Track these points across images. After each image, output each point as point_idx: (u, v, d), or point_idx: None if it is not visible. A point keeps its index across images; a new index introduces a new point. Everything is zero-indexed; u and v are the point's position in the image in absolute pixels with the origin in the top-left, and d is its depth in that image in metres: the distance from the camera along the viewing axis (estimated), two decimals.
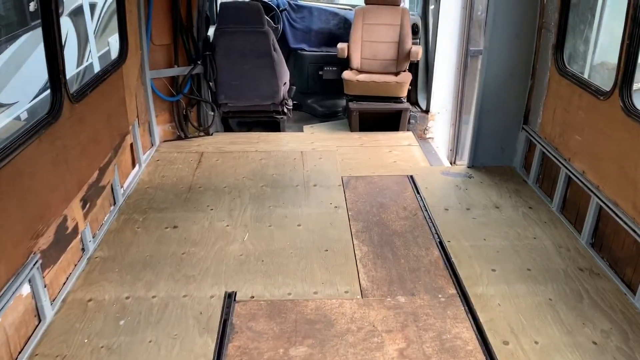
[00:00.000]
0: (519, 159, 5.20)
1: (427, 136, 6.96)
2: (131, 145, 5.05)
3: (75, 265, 3.69)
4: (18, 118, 5.65)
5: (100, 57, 7.50)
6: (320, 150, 5.76)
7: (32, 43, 5.92)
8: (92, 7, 7.39)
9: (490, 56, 4.89)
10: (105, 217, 4.30)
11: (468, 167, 5.33)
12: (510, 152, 5.28)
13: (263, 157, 5.55)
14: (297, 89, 6.89)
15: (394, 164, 5.43)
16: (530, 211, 4.50)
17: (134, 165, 5.18)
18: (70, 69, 6.98)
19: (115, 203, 4.51)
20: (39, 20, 3.34)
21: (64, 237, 3.46)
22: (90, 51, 7.39)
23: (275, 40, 5.86)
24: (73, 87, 3.79)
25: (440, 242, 4.05)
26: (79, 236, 3.71)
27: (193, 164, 5.36)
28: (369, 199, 4.70)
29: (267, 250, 3.95)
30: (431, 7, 7.03)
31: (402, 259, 3.85)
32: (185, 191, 4.81)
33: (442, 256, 3.88)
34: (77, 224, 3.65)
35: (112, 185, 4.42)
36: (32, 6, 5.06)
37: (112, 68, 4.41)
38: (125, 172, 4.90)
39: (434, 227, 4.25)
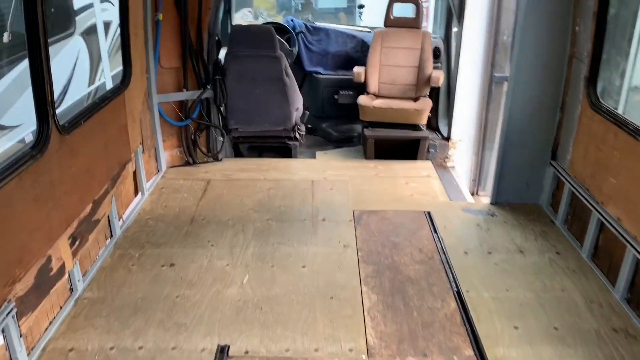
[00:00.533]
0: (546, 196, 4.82)
1: (448, 165, 6.60)
2: (135, 172, 4.84)
3: (61, 308, 3.44)
4: (22, 141, 5.48)
5: (114, 77, 7.35)
6: (332, 179, 5.45)
7: None
8: (107, 25, 7.27)
9: (517, 86, 4.54)
10: (100, 252, 4.06)
11: (491, 204, 4.96)
12: (536, 188, 4.90)
13: (271, 186, 5.27)
14: (312, 113, 6.63)
15: (410, 198, 5.09)
16: (558, 257, 4.11)
17: (137, 193, 4.95)
18: (81, 90, 6.86)
19: (112, 236, 4.27)
20: (50, 39, 3.17)
21: (46, 280, 3.20)
22: (102, 70, 7.26)
23: (287, 65, 5.60)
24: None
25: (458, 292, 3.69)
26: (66, 276, 3.45)
27: (198, 193, 5.10)
28: (382, 237, 4.36)
29: (267, 295, 3.64)
30: (454, 29, 6.72)
31: (415, 311, 3.50)
32: (187, 223, 4.54)
33: (459, 309, 3.52)
34: (63, 264, 3.39)
35: (108, 217, 4.18)
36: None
37: (112, 95, 4.19)
38: (126, 202, 4.66)
39: (452, 273, 3.90)
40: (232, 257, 4.08)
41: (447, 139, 6.57)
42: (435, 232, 4.46)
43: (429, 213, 4.76)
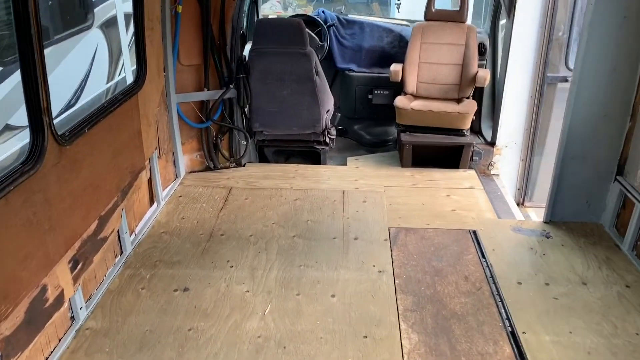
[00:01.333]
0: (609, 216, 4.23)
1: (492, 172, 6.02)
2: (150, 180, 4.43)
3: (60, 340, 3.04)
4: None
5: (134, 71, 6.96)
6: (364, 190, 4.95)
7: (52, 60, 5.40)
8: (128, 17, 6.87)
9: (580, 92, 3.96)
10: (108, 272, 3.66)
11: (545, 222, 4.40)
12: (597, 206, 4.32)
13: (298, 196, 4.80)
14: (343, 114, 6.12)
15: (452, 214, 4.55)
16: (628, 291, 3.54)
17: (152, 203, 4.54)
18: (100, 85, 6.50)
19: (121, 253, 3.87)
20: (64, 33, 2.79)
21: (40, 313, 2.80)
22: (123, 65, 6.89)
23: (318, 63, 5.10)
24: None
25: (513, 333, 3.17)
26: (66, 305, 3.05)
27: (219, 203, 4.67)
28: (422, 261, 3.86)
29: (291, 331, 3.18)
30: (501, 22, 6.11)
31: (464, 356, 3.00)
32: (205, 239, 4.11)
33: (515, 356, 3.00)
34: (62, 291, 2.99)
35: (118, 232, 3.77)
36: None
37: (123, 97, 3.76)
38: (139, 213, 4.25)
39: (505, 308, 3.37)
40: (253, 281, 3.63)
41: (492, 144, 5.97)
42: (483, 255, 3.93)
43: (474, 232, 4.23)
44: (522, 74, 5.54)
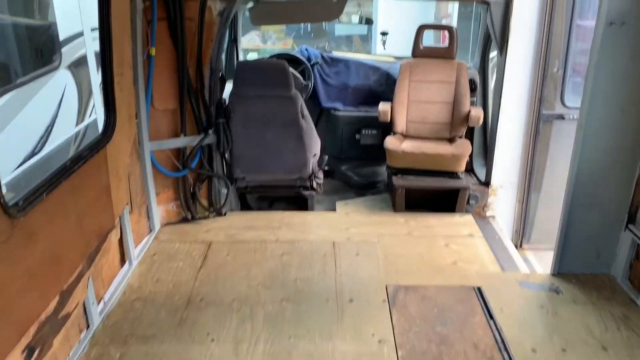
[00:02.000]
0: (621, 267, 3.93)
1: (487, 214, 5.72)
2: (120, 238, 4.01)
3: None
4: None
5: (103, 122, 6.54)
6: (357, 240, 4.59)
7: (16, 105, 4.99)
8: (99, 55, 6.48)
9: (587, 137, 3.69)
10: (71, 353, 3.20)
11: (553, 275, 4.08)
12: (608, 257, 4.02)
13: (285, 250, 4.41)
14: (330, 154, 5.79)
15: (453, 267, 4.21)
16: None
17: (123, 263, 4.11)
18: (69, 129, 6.07)
19: (88, 327, 3.42)
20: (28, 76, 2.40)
21: None
22: (94, 106, 6.48)
23: (304, 106, 4.78)
24: (70, 153, 2.80)
25: None
26: None
27: (197, 261, 4.25)
28: (425, 326, 3.48)
29: None
30: (491, 55, 5.90)
31: None
32: (182, 306, 3.68)
33: None
34: None
35: (84, 304, 3.33)
36: None
37: (89, 152, 3.35)
38: (109, 278, 3.82)
39: None
40: (238, 358, 3.21)
41: (486, 184, 5.69)
42: (491, 317, 3.57)
43: (479, 289, 3.89)
44: (516, 111, 5.28)
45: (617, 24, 3.41)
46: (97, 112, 6.57)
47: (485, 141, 6.10)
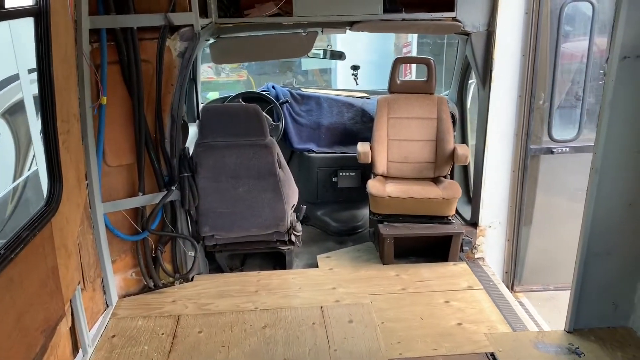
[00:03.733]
0: None
1: (476, 256, 5.33)
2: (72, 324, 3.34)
3: None
4: None
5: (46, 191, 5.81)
6: (347, 303, 4.07)
7: None
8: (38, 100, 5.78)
9: (602, 181, 3.34)
10: None
11: (568, 332, 3.68)
12: (625, 308, 3.66)
13: (267, 321, 3.83)
14: (304, 199, 5.28)
15: (460, 330, 3.74)
16: None
17: (76, 353, 3.43)
18: (4, 185, 5.31)
19: None
20: None
21: None
22: (34, 156, 5.74)
23: (280, 154, 4.27)
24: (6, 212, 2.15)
25: None
26: None
27: (165, 343, 3.62)
28: None
29: None
30: (470, 91, 5.60)
31: None
32: None
33: None
34: None
35: None
36: None
37: (30, 232, 2.71)
38: None
39: None
40: None
41: (473, 224, 5.31)
42: None
43: (492, 355, 3.44)
44: (503, 147, 4.96)
45: (632, 58, 3.10)
46: (37, 164, 5.82)
47: (466, 178, 5.76)
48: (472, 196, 5.30)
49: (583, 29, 4.77)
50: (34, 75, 3.24)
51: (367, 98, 5.70)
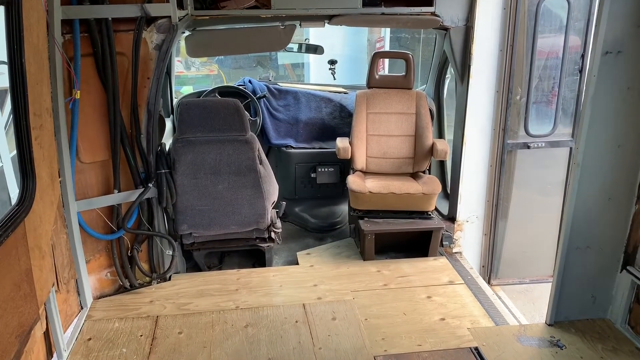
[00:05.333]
0: (619, 311, 3.65)
1: (454, 251, 5.37)
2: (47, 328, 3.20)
3: None
4: None
5: (14, 159, 5.56)
6: (329, 300, 4.03)
7: None
8: (4, 93, 5.53)
9: (584, 174, 3.39)
10: None
11: (549, 325, 3.72)
12: (603, 301, 3.73)
13: (249, 320, 3.76)
14: (282, 195, 5.22)
15: (443, 325, 3.75)
16: None
17: (50, 356, 3.29)
18: None
19: None
20: None
21: None
22: None
23: (261, 150, 4.19)
24: None
25: None
26: None
27: (144, 344, 3.51)
28: None
29: None
30: (446, 86, 5.62)
31: None
32: None
33: None
34: None
35: None
36: None
37: (1, 234, 2.56)
38: None
39: None
40: None
41: (450, 219, 5.35)
42: None
43: (477, 350, 3.45)
44: (480, 142, 4.99)
45: (614, 53, 3.14)
46: (2, 160, 5.56)
47: (443, 173, 5.79)
48: (450, 191, 5.33)
49: (558, 26, 4.84)
50: (3, 67, 3.07)
51: (345, 93, 5.65)
